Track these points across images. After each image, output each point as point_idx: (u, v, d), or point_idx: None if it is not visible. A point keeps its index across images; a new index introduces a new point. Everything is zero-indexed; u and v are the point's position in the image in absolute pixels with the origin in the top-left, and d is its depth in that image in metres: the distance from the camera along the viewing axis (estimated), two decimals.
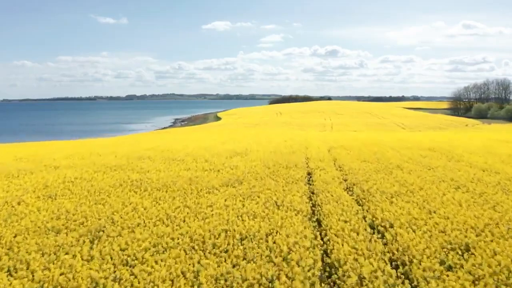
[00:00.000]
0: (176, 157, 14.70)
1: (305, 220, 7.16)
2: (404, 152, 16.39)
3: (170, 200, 8.50)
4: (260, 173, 11.39)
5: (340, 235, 6.42)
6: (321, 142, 21.71)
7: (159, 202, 8.36)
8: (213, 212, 7.56)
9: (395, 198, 8.69)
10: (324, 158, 14.58)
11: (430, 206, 8.02)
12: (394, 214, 7.42)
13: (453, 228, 6.64)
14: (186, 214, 7.53)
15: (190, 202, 8.34)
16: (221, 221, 7.02)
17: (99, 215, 7.59)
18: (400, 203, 8.24)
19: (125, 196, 8.99)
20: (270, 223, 6.87)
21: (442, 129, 52.41)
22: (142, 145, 19.16)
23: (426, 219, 7.19)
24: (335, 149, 17.82)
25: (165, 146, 18.39)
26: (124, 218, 7.34)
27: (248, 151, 16.51)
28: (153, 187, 9.75)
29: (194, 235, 6.41)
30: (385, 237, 6.46)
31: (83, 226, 7.04)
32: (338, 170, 12.61)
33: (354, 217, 7.31)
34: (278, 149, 17.17)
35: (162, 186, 9.75)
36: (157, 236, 6.43)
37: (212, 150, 16.97)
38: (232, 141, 21.02)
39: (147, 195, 9.01)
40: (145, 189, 9.59)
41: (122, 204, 8.34)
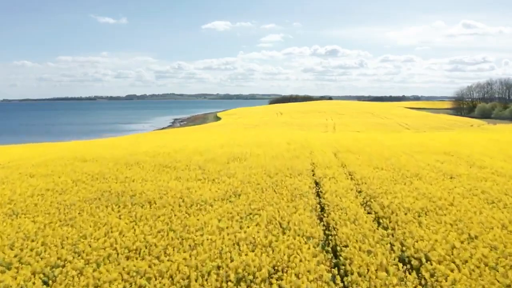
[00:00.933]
0: (168, 163, 13.25)
1: (318, 251, 5.71)
2: (419, 157, 14.94)
3: (152, 221, 7.05)
4: (261, 183, 9.94)
5: (365, 274, 4.99)
6: (325, 144, 20.26)
7: (139, 224, 6.90)
8: (204, 238, 6.11)
9: (423, 217, 7.25)
10: (331, 164, 13.13)
11: (469, 229, 6.57)
12: (428, 242, 5.97)
13: (507, 265, 5.20)
14: (170, 241, 6.09)
15: (176, 223, 6.88)
16: (213, 252, 5.57)
17: (63, 242, 6.15)
18: (431, 225, 6.79)
19: (100, 214, 7.55)
20: (274, 256, 5.42)
21: (447, 129, 50.91)
22: (134, 148, 17.73)
23: (469, 248, 5.74)
24: (342, 153, 16.37)
25: (158, 149, 16.95)
26: (93, 247, 5.89)
27: (248, 155, 15.06)
28: (136, 202, 8.31)
29: (177, 274, 4.97)
30: (422, 276, 5.02)
31: (41, 258, 5.61)
32: (349, 178, 11.16)
33: (379, 246, 5.86)
34: (280, 153, 15.71)
35: (145, 202, 8.30)
36: (128, 275, 4.99)
37: (208, 154, 15.51)
38: (231, 143, 19.59)
39: (126, 213, 7.56)
40: (125, 205, 8.14)
41: (94, 225, 6.90)
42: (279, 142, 20.54)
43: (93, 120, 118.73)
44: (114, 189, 9.38)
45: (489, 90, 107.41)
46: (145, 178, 10.87)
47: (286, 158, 14.40)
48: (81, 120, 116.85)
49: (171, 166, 12.76)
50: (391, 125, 56.84)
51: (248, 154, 15.25)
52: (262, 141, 21.29)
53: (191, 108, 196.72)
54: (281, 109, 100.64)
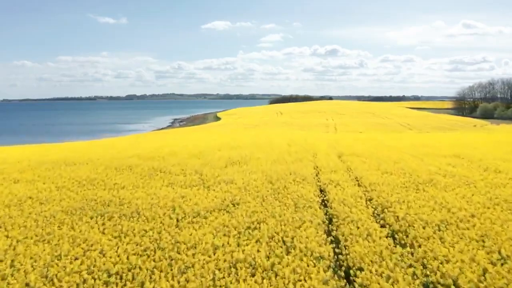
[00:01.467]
0: (162, 167, 12.44)
1: (329, 276, 4.90)
2: (428, 160, 14.13)
3: (139, 236, 6.24)
4: (261, 191, 9.13)
5: None
6: (329, 146, 19.44)
7: (123, 241, 6.10)
8: (196, 260, 5.30)
9: (444, 232, 6.44)
10: (336, 168, 12.32)
11: (498, 246, 5.77)
12: (455, 264, 5.16)
13: None
14: (157, 263, 5.28)
15: (165, 239, 6.07)
16: (205, 279, 4.76)
17: (34, 263, 5.35)
18: (454, 242, 5.98)
19: (82, 227, 6.74)
20: (277, 284, 4.61)
21: (450, 129, 50.07)
22: (128, 150, 16.92)
23: (503, 273, 4.93)
24: (346, 155, 15.55)
25: (152, 152, 16.13)
26: (67, 271, 5.09)
27: (247, 158, 14.25)
28: (123, 213, 7.49)
29: None
30: None
31: (6, 285, 4.80)
32: (357, 185, 10.35)
33: (399, 270, 5.05)
34: (282, 156, 14.90)
35: (134, 212, 7.49)
36: None
37: (205, 157, 14.71)
38: (230, 145, 18.78)
39: (111, 227, 6.75)
40: (111, 216, 7.33)
41: (73, 241, 6.09)
42: (280, 144, 19.73)
43: (92, 120, 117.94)
44: (101, 198, 8.57)
45: (491, 90, 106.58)
46: (136, 184, 10.05)
47: (288, 161, 13.59)
48: (80, 120, 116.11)
49: (166, 170, 11.94)
50: (393, 125, 55.99)
51: (247, 157, 14.44)
52: (263, 142, 20.47)
53: (191, 108, 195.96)
54: (281, 109, 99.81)
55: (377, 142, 21.36)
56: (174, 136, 32.02)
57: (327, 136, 31.46)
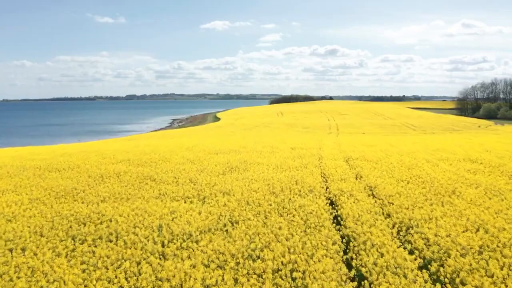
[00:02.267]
0: (153, 174, 11.24)
1: None
2: (445, 166, 12.95)
3: (112, 270, 5.04)
4: (263, 204, 7.94)
5: None
6: (334, 149, 18.25)
7: (93, 275, 4.89)
8: None
9: (487, 260, 5.24)
10: (346, 176, 11.12)
11: None
12: None
13: None
14: None
15: (144, 275, 4.87)
16: None
17: None
18: (509, 281, 4.78)
19: (46, 255, 5.54)
20: None
21: (456, 130, 48.83)
22: (119, 154, 15.71)
23: None
24: (354, 160, 14.35)
25: (146, 156, 14.93)
26: None
27: (247, 164, 13.06)
28: (99, 235, 6.29)
29: None
30: None
31: None
32: (371, 195, 9.15)
33: None
34: (285, 161, 13.71)
35: (112, 234, 6.29)
36: None
37: (202, 162, 13.52)
38: (228, 149, 17.60)
39: (80, 255, 5.55)
40: (84, 239, 6.14)
41: (30, 276, 4.90)
42: (282, 147, 18.54)
43: (90, 120, 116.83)
44: (78, 214, 7.38)
45: (494, 90, 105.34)
46: (121, 195, 8.85)
47: (292, 167, 12.39)
48: (77, 121, 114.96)
49: (157, 178, 10.75)
50: (397, 126, 54.76)
51: (247, 163, 13.25)
52: (264, 145, 19.27)
53: (190, 108, 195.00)
54: (282, 109, 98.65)
55: (385, 145, 20.16)
56: (169, 139, 30.82)
57: (330, 137, 30.26)
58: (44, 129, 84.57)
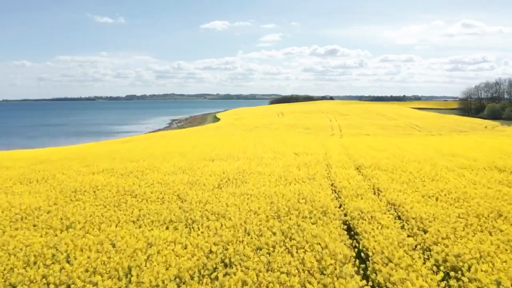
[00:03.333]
0: (137, 188, 9.62)
1: None
2: (472, 177, 11.33)
3: None
4: (265, 234, 6.32)
5: None
6: (342, 155, 16.62)
7: None
8: None
9: None
10: (361, 191, 9.51)
11: None
12: None
13: None
14: None
15: None
16: None
17: None
18: None
19: None
20: None
21: (463, 131, 47.15)
22: (102, 162, 14.10)
23: None
24: (367, 168, 12.75)
25: (132, 163, 13.32)
26: None
27: (247, 174, 11.45)
28: (44, 283, 4.67)
29: None
30: None
31: None
32: (396, 217, 7.54)
33: None
34: (289, 170, 12.10)
35: (61, 285, 4.67)
36: None
37: (194, 172, 11.90)
38: (226, 154, 16.00)
39: None
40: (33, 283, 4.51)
41: None
42: (285, 152, 16.92)
43: (88, 121, 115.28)
44: (29, 248, 5.76)
45: (498, 89, 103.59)
46: (92, 218, 7.23)
47: (298, 179, 10.77)
48: (75, 121, 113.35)
49: (139, 193, 9.13)
50: (401, 127, 53.10)
51: (246, 172, 11.64)
52: (265, 150, 17.66)
53: (190, 108, 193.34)
54: (282, 110, 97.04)
55: (396, 149, 18.53)
56: (166, 141, 29.19)
57: (334, 140, 28.62)
58: (43, 129, 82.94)
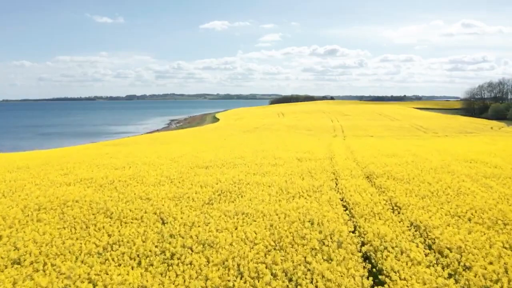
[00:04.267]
0: (112, 205, 8.15)
1: None
2: (497, 187, 9.90)
3: None
4: (263, 276, 4.86)
5: None
6: (349, 160, 15.14)
7: None
8: None
9: None
10: (378, 208, 8.05)
11: None
12: None
13: None
14: None
15: None
16: None
17: None
18: None
19: None
20: None
21: (469, 133, 45.63)
22: (81, 170, 12.61)
23: None
24: (380, 178, 11.28)
25: (115, 173, 11.85)
26: None
27: (243, 185, 9.98)
28: None
29: None
30: None
31: None
32: (426, 247, 6.08)
33: None
34: (291, 180, 10.63)
35: None
36: None
37: (183, 182, 10.43)
38: (221, 160, 14.54)
39: None
40: None
41: None
42: (286, 157, 15.45)
43: (86, 121, 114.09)
44: None
45: (502, 89, 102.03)
46: (47, 249, 5.77)
47: (302, 191, 9.31)
48: (74, 122, 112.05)
49: (115, 212, 7.66)
50: (405, 128, 51.58)
51: (242, 183, 10.17)
52: (264, 155, 16.18)
53: (190, 108, 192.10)
54: (283, 110, 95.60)
55: (407, 154, 17.04)
56: (160, 144, 27.73)
57: (338, 142, 27.13)
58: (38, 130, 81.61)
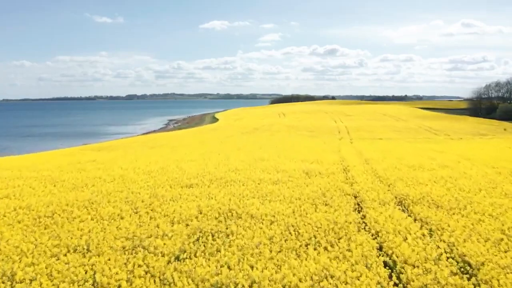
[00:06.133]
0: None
1: None
2: None
3: None
4: None
5: None
6: (368, 174, 12.32)
7: None
8: None
9: None
10: (434, 267, 5.28)
11: None
12: None
13: None
14: None
15: None
16: None
17: None
18: None
19: None
20: None
21: (483, 135, 42.83)
22: (32, 190, 9.89)
23: None
24: (417, 205, 8.50)
25: (65, 198, 9.09)
26: None
27: (232, 220, 7.21)
28: None
29: None
30: None
31: None
32: None
33: None
34: (301, 212, 7.83)
35: None
36: None
37: (154, 212, 7.65)
38: (212, 174, 11.80)
39: None
40: None
41: None
42: (291, 169, 12.65)
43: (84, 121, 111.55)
44: None
45: (510, 89, 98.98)
46: None
47: (319, 236, 6.52)
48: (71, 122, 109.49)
49: (25, 279, 4.89)
50: (414, 129, 48.72)
51: (233, 217, 7.39)
52: (264, 166, 13.39)
53: (190, 108, 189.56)
54: (283, 110, 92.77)
55: (437, 166, 14.17)
56: (149, 148, 24.93)
57: (348, 148, 24.31)
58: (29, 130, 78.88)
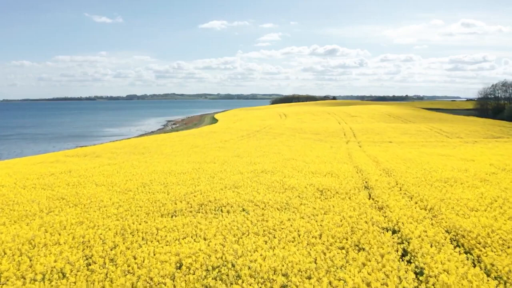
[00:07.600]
0: None
1: None
2: None
3: None
4: None
5: None
6: (398, 194, 10.05)
7: None
8: None
9: None
10: None
11: None
12: None
13: None
14: None
15: None
16: None
17: None
18: None
19: None
20: None
21: (497, 137, 40.49)
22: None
23: None
24: (477, 250, 6.21)
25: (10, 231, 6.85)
26: None
27: (233, 269, 4.90)
28: None
29: None
30: None
31: None
32: None
33: None
34: (325, 257, 5.55)
35: None
36: None
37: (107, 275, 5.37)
38: (201, 196, 9.54)
39: None
40: None
41: None
42: (301, 188, 10.33)
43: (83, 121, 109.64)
44: None
45: None
46: None
47: None
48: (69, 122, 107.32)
49: None
50: (425, 131, 46.35)
51: (229, 273, 5.08)
52: (269, 184, 11.07)
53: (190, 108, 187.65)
54: (285, 111, 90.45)
55: (473, 177, 11.88)
56: (133, 156, 22.59)
57: (360, 154, 21.95)
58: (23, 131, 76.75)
